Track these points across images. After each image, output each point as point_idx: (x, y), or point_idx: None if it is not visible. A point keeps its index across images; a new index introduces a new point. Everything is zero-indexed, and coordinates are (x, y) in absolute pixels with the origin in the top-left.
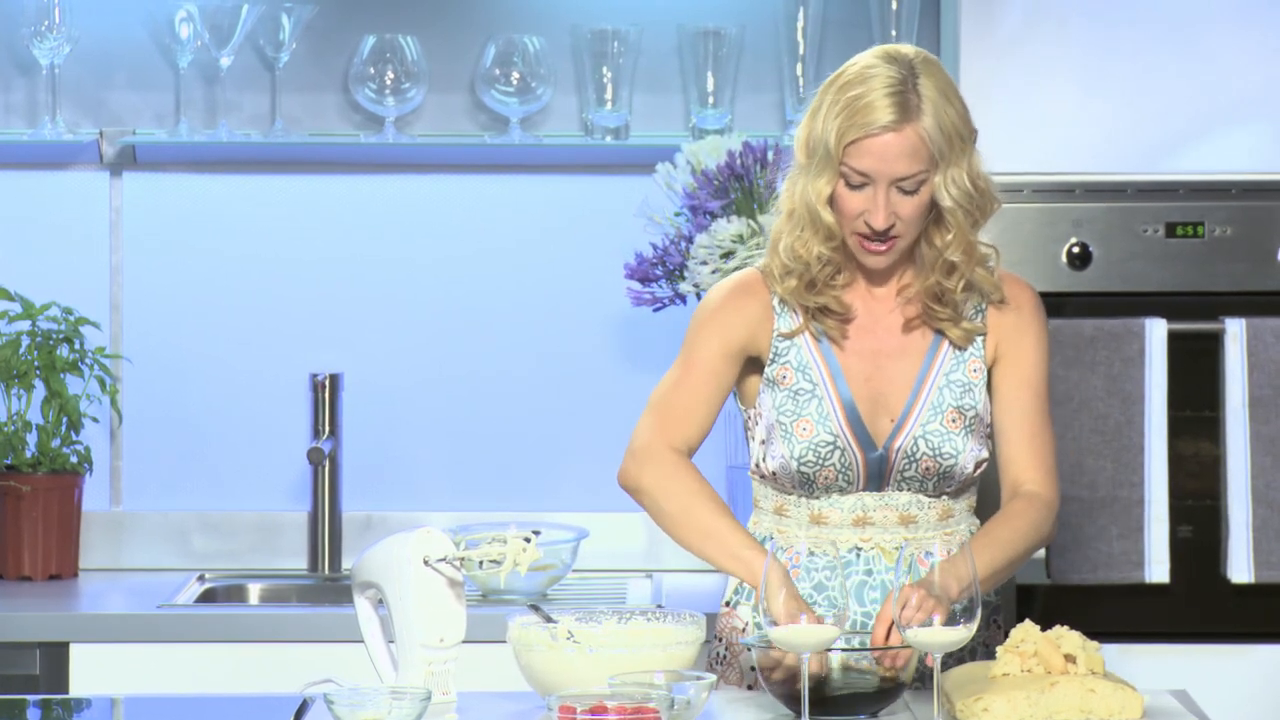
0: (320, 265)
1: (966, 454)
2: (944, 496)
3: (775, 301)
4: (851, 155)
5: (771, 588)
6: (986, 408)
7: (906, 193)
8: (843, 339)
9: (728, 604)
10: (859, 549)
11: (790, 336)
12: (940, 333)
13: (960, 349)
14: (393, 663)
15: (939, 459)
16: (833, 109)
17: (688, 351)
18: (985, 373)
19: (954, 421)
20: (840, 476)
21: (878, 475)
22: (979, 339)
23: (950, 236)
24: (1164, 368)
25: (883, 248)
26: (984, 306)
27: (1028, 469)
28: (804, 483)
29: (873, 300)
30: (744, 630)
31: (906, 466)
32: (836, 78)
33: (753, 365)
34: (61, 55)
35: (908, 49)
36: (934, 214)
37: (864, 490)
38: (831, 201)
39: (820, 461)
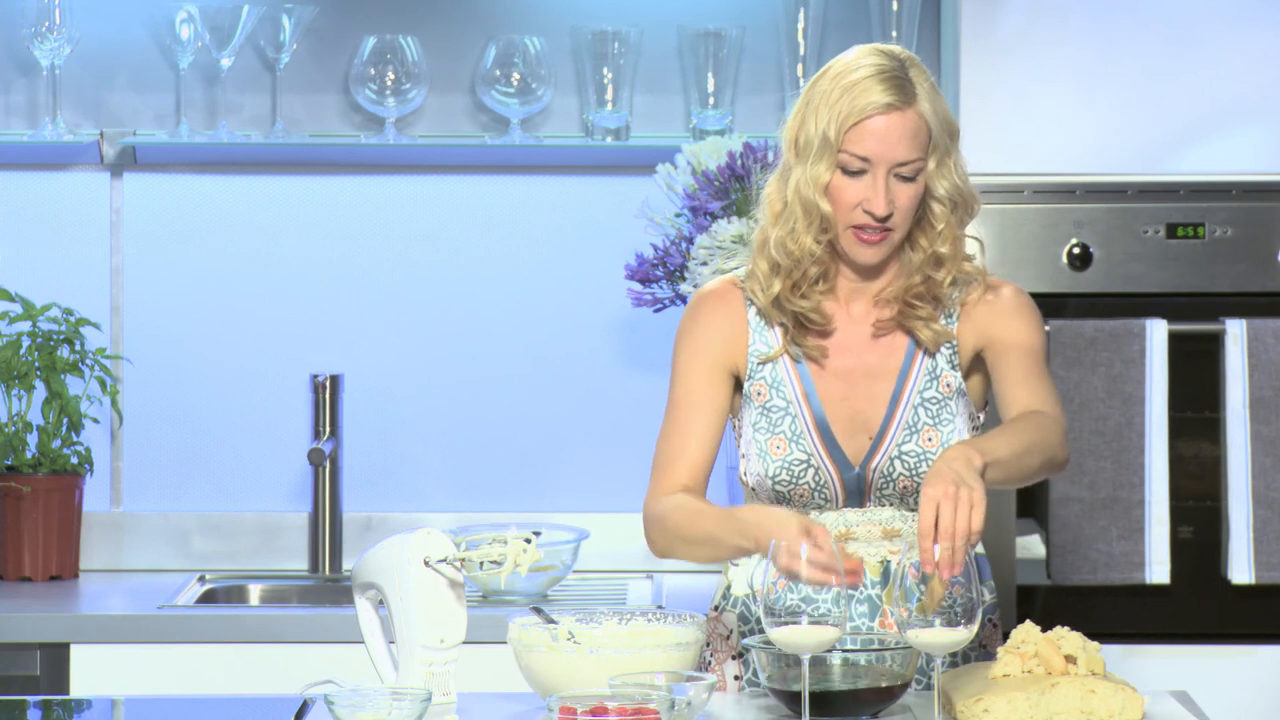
0: (320, 266)
1: None
2: None
3: (752, 314)
4: (851, 140)
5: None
6: (966, 415)
7: (905, 179)
8: (822, 358)
9: (715, 609)
10: None
11: (770, 360)
12: (912, 336)
13: (930, 355)
14: (393, 663)
15: (915, 478)
16: (827, 99)
17: (671, 389)
18: (960, 384)
19: (930, 440)
20: (816, 494)
21: (857, 493)
22: (949, 351)
23: (941, 228)
24: (1164, 369)
25: (878, 238)
26: (955, 317)
27: (1030, 404)
28: (780, 500)
29: (849, 319)
30: (729, 637)
31: (884, 485)
32: (824, 72)
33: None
34: (62, 56)
35: (892, 47)
36: (918, 213)
37: (845, 507)
38: (827, 194)
39: (794, 480)
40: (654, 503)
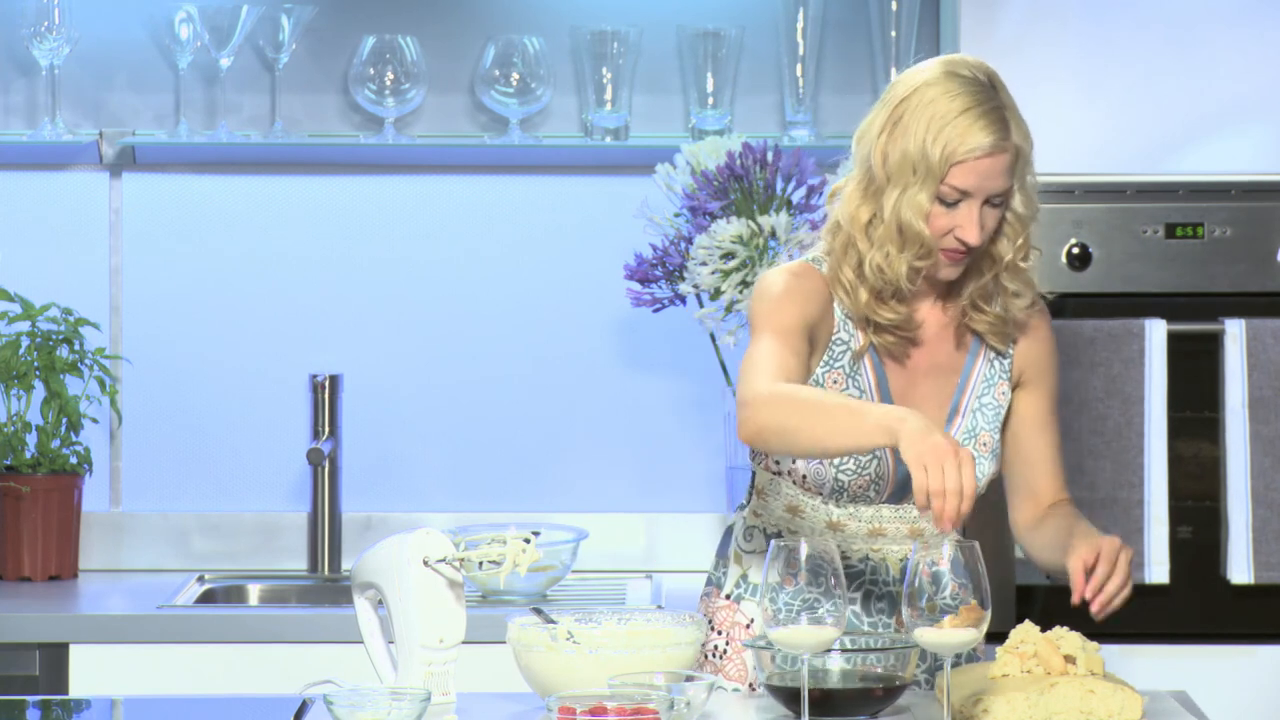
0: (320, 266)
1: (987, 476)
2: None
3: (835, 302)
4: (954, 175)
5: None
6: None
7: (994, 206)
8: (903, 356)
9: (728, 597)
10: (868, 558)
11: (858, 356)
12: (978, 337)
13: (994, 358)
14: (392, 663)
15: None
16: (928, 127)
17: (770, 321)
18: (1010, 396)
19: (984, 446)
20: (871, 487)
21: (901, 488)
22: (1007, 362)
23: (1020, 241)
24: (1164, 369)
25: (961, 258)
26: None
27: (1056, 483)
28: (836, 490)
29: (919, 313)
30: (749, 626)
31: None
32: (912, 91)
33: None
34: (61, 56)
35: (972, 60)
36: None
37: (884, 503)
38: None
39: (859, 471)
40: (762, 384)
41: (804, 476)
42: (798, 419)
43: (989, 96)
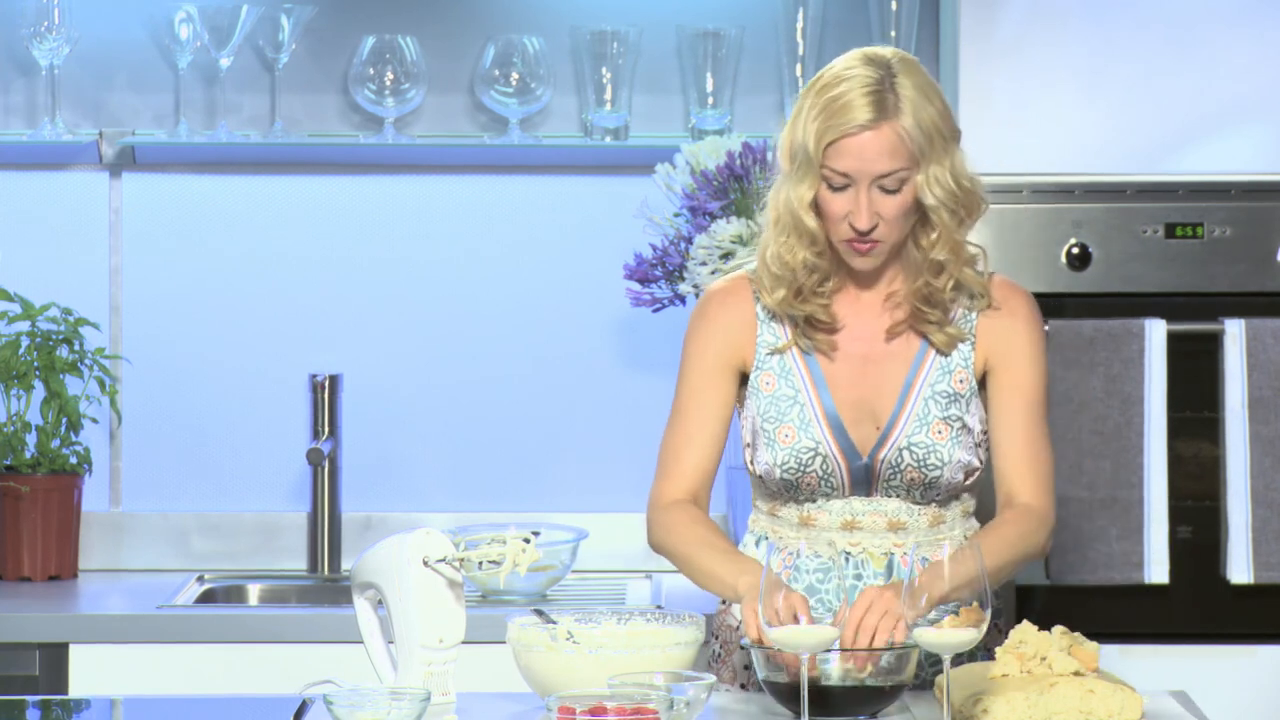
0: (320, 266)
1: (953, 464)
2: (933, 504)
3: (759, 308)
4: (831, 156)
5: (769, 588)
6: (978, 418)
7: (888, 191)
8: (831, 351)
9: (723, 602)
10: (848, 553)
11: (780, 352)
12: (926, 338)
13: (944, 354)
14: (392, 663)
15: (924, 470)
16: (811, 112)
17: (677, 386)
18: (974, 383)
19: (940, 433)
20: (823, 483)
21: (864, 482)
22: (967, 349)
23: (935, 235)
24: (1163, 369)
25: (867, 248)
26: (974, 315)
27: (1022, 481)
28: (788, 488)
29: (860, 306)
30: (738, 629)
31: (891, 476)
32: (815, 82)
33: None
34: (61, 56)
35: (886, 50)
36: (920, 214)
37: (852, 495)
38: (816, 206)
39: (802, 468)
40: (659, 505)
41: (760, 477)
42: (679, 563)
43: (876, 80)
